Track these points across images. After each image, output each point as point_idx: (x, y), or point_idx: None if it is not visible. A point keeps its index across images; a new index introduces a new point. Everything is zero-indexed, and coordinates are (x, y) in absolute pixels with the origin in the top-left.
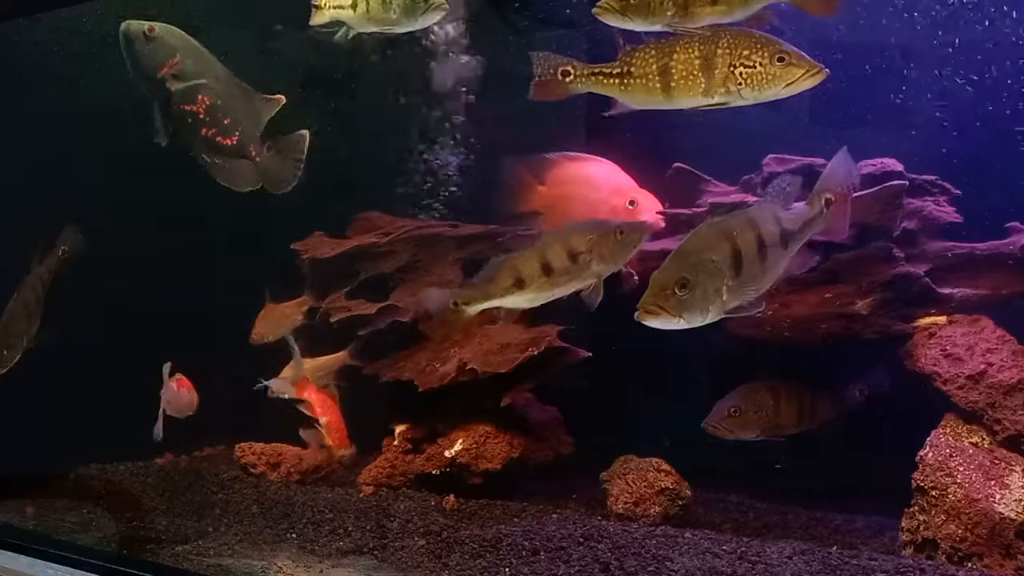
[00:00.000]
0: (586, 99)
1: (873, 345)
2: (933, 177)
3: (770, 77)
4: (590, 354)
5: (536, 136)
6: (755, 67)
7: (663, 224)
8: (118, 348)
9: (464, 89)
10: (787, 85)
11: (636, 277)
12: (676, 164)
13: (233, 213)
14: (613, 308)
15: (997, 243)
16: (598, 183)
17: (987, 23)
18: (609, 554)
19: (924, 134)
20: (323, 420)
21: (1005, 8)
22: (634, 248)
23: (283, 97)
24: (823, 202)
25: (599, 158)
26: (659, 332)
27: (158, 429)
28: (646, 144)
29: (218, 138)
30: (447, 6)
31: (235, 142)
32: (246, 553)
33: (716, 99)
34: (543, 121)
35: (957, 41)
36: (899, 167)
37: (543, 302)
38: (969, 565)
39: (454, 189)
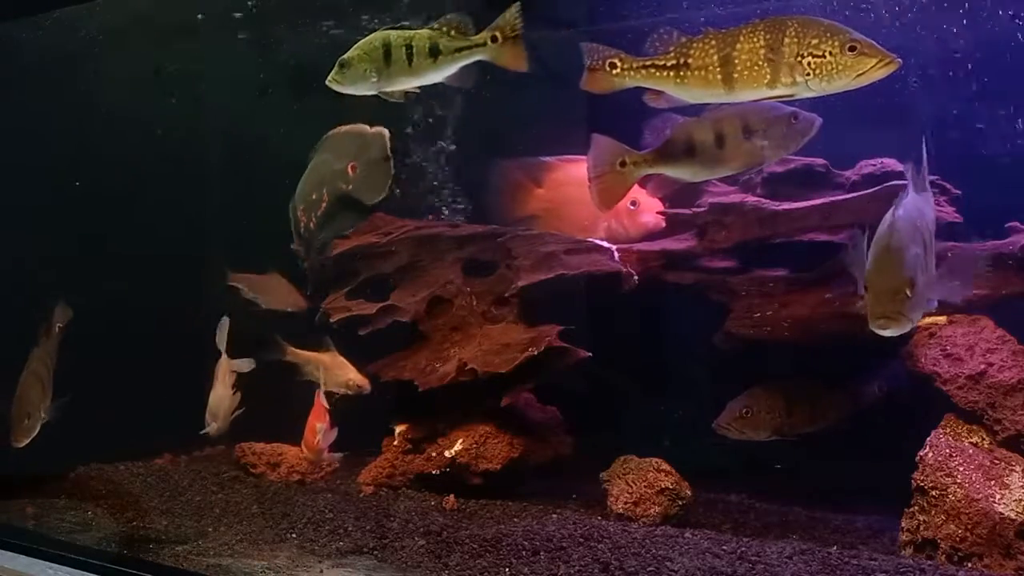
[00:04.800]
0: (587, 98)
1: (873, 345)
2: (933, 177)
3: (841, 67)
4: (590, 354)
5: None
6: (824, 57)
7: (664, 224)
8: (117, 348)
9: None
10: (858, 76)
11: (636, 277)
12: None
13: (230, 213)
14: (613, 308)
15: (997, 243)
16: None
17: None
18: (609, 554)
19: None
20: (318, 425)
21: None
22: (805, 138)
23: None
24: None
25: None
26: (657, 332)
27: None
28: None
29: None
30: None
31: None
32: (246, 553)
33: (781, 91)
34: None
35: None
36: (899, 167)
37: (706, 178)
38: (969, 565)
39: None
